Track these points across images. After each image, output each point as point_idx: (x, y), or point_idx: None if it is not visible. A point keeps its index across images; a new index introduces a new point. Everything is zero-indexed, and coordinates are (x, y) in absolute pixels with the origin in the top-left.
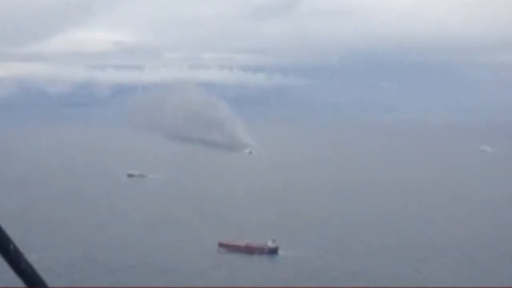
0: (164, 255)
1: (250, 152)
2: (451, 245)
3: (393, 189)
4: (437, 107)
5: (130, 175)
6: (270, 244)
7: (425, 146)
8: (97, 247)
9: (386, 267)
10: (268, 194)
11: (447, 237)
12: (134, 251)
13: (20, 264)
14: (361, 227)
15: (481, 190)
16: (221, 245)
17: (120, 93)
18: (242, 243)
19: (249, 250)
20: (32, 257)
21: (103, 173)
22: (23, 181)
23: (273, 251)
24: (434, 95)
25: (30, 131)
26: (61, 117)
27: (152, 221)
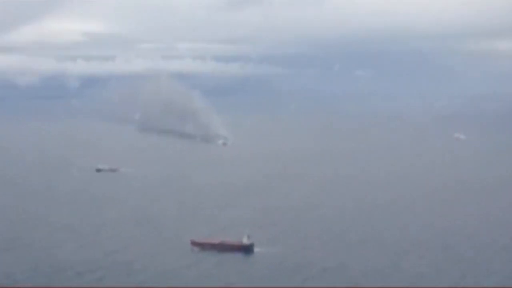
0: (134, 255)
1: (224, 144)
2: (430, 236)
3: (369, 180)
4: (412, 96)
5: (98, 170)
6: (245, 241)
7: (399, 134)
8: (61, 248)
9: (365, 262)
10: (243, 187)
11: (425, 228)
12: (101, 251)
13: None
14: (339, 220)
15: (454, 177)
16: (194, 243)
17: (92, 84)
18: (215, 240)
19: (223, 248)
20: None
21: (70, 167)
22: None
23: (248, 249)
24: (409, 84)
25: None
26: (31, 110)
27: (121, 219)
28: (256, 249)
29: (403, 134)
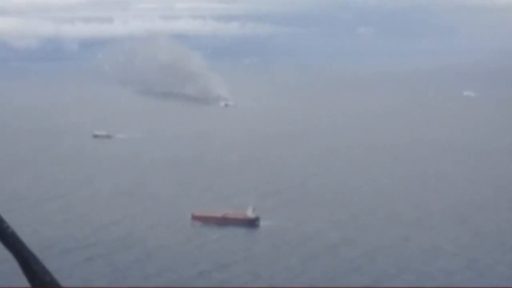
0: (127, 229)
1: (226, 105)
2: (440, 205)
3: (376, 142)
4: (417, 53)
5: (96, 136)
6: (250, 214)
7: (405, 93)
8: (47, 221)
9: (373, 236)
10: (247, 152)
11: (435, 196)
12: (94, 225)
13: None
14: (346, 187)
15: (465, 139)
16: (195, 217)
17: (89, 47)
18: (218, 213)
19: (226, 222)
20: None
21: (66, 133)
22: None
23: (253, 222)
24: (413, 41)
25: None
26: (28, 73)
27: (116, 190)
28: (261, 223)
29: (410, 93)
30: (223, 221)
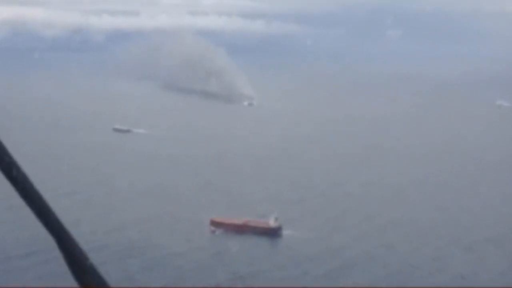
0: (144, 233)
1: (250, 104)
2: (477, 222)
3: (405, 151)
4: (446, 58)
5: (116, 130)
6: (272, 223)
7: (435, 100)
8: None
9: (405, 250)
10: (271, 154)
11: (467, 209)
12: (107, 227)
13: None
14: (374, 198)
15: (502, 153)
16: (214, 223)
17: (115, 39)
18: (238, 221)
19: (246, 230)
20: None
21: (86, 126)
22: None
23: (275, 232)
24: (442, 45)
25: (18, 78)
26: (55, 63)
27: (133, 189)
28: (284, 232)
29: (439, 100)
30: (244, 229)
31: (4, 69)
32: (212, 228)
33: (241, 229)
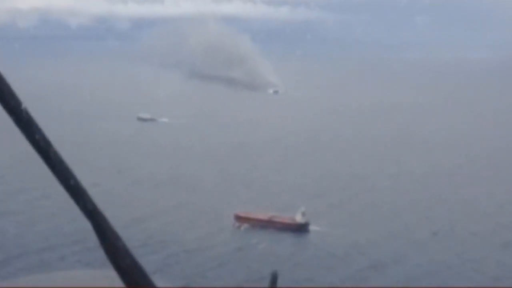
0: (166, 226)
1: (275, 92)
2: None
3: (438, 142)
4: (479, 46)
5: (140, 118)
6: (299, 218)
7: (468, 89)
8: (75, 214)
9: (441, 251)
10: (299, 144)
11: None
12: (128, 219)
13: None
14: (402, 194)
15: None
16: (238, 217)
17: (141, 27)
18: (264, 216)
19: (272, 225)
20: None
21: (110, 114)
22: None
23: (302, 228)
24: (473, 32)
25: (45, 65)
26: (81, 50)
27: (156, 179)
28: (311, 228)
29: (473, 89)
30: (269, 224)
31: (31, 56)
32: (237, 224)
33: (266, 224)
